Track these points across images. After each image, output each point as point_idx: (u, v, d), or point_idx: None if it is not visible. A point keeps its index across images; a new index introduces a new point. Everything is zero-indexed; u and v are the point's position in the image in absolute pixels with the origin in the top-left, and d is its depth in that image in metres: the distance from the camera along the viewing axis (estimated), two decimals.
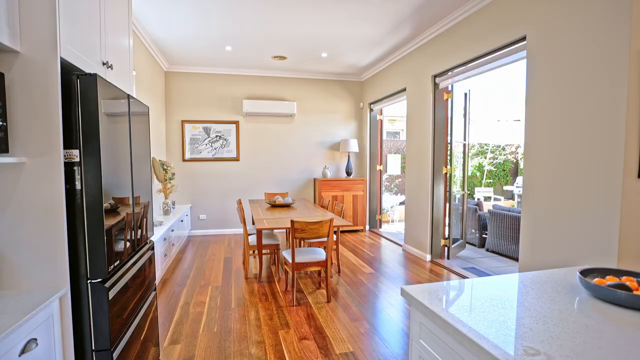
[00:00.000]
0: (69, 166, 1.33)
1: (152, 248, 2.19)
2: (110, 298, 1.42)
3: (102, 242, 1.38)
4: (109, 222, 1.46)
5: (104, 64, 1.70)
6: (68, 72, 1.33)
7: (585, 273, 1.27)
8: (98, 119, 1.35)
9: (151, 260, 2.14)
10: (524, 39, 3.08)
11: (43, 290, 1.27)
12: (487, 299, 1.17)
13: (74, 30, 1.42)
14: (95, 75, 1.34)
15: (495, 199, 9.40)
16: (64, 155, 1.32)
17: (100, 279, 1.39)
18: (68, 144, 1.33)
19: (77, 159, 1.33)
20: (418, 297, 1.18)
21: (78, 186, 1.34)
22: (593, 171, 2.40)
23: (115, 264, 1.51)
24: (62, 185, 1.29)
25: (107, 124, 1.48)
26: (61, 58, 1.29)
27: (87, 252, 1.37)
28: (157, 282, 3.77)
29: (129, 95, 1.75)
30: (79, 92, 1.32)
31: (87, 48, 1.54)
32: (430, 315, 1.10)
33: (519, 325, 0.98)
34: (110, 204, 1.50)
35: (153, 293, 2.18)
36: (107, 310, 1.39)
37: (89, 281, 1.37)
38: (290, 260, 3.25)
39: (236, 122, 6.29)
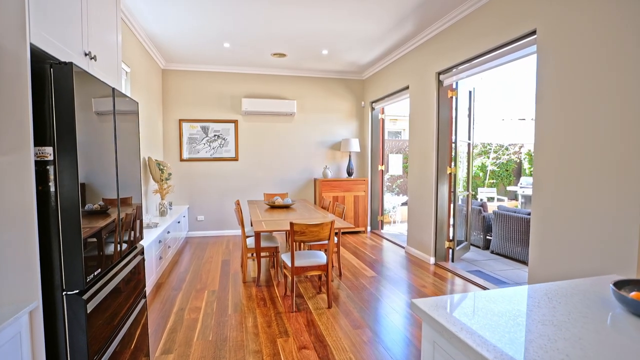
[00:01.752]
0: (41, 165, 1.19)
1: (142, 253, 2.06)
2: (88, 311, 1.28)
3: (80, 249, 1.24)
4: (88, 227, 1.33)
5: (86, 54, 1.56)
6: (41, 60, 1.20)
7: (618, 285, 1.14)
8: (74, 113, 1.21)
9: (140, 266, 2.01)
10: (533, 33, 2.94)
11: (10, 304, 1.13)
12: (511, 316, 1.03)
13: (48, 14, 1.28)
14: (70, 64, 1.20)
15: (498, 200, 9.26)
16: (35, 153, 1.18)
17: (77, 291, 1.26)
18: (41, 140, 1.20)
19: (51, 157, 1.20)
20: (432, 314, 1.04)
21: (52, 187, 1.21)
22: (609, 172, 2.26)
23: (96, 273, 1.38)
24: (33, 186, 1.15)
25: (87, 118, 1.34)
26: (32, 44, 1.16)
27: (62, 261, 1.23)
28: (152, 286, 3.64)
29: (113, 88, 1.62)
30: (52, 82, 1.19)
31: (66, 36, 1.41)
32: (447, 336, 0.96)
33: (552, 349, 0.85)
34: (90, 207, 1.37)
35: (142, 301, 2.04)
36: (84, 324, 1.26)
37: (64, 293, 1.24)
38: (289, 264, 3.12)
39: (235, 121, 6.16)
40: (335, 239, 4.04)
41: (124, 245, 1.77)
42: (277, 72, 6.23)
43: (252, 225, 3.65)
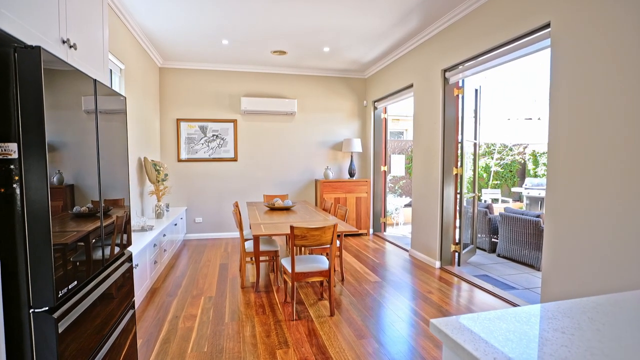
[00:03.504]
0: (3, 164, 1.04)
1: (130, 260, 1.90)
2: (60, 331, 1.12)
3: (49, 259, 1.09)
4: (61, 233, 1.17)
5: (64, 41, 1.41)
6: (4, 44, 1.05)
7: None
8: (43, 105, 1.06)
9: (128, 274, 1.85)
10: (547, 26, 2.79)
11: None
12: (551, 341, 0.88)
13: None
14: (38, 48, 1.05)
15: (503, 201, 9.10)
16: None
17: (46, 308, 1.10)
18: (3, 135, 1.04)
19: (15, 155, 1.05)
20: (457, 339, 0.89)
21: (17, 189, 1.05)
22: (630, 173, 2.11)
23: (71, 286, 1.22)
24: None
25: (62, 112, 1.19)
26: None
27: (29, 274, 1.08)
28: (146, 292, 3.48)
29: (95, 80, 1.46)
30: (16, 69, 1.03)
31: (37, 18, 1.25)
32: None
33: None
34: (68, 211, 1.21)
35: (131, 312, 1.89)
36: (55, 346, 1.10)
37: (31, 311, 1.08)
38: (289, 270, 2.96)
39: (234, 121, 6.01)
40: (337, 242, 3.89)
41: (109, 253, 1.62)
42: (277, 71, 6.08)
43: (250, 228, 3.50)
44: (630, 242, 2.12)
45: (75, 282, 1.25)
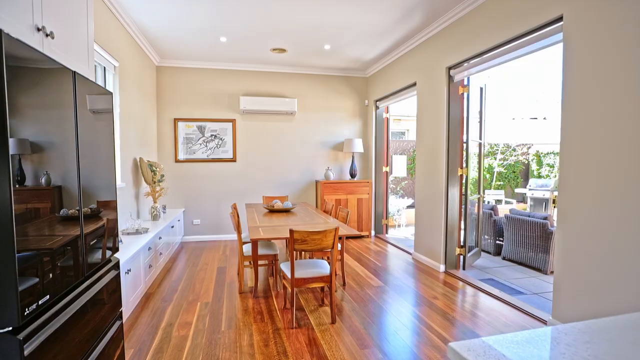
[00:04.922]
0: None
1: (117, 267, 1.77)
2: (26, 354, 0.99)
3: (12, 273, 0.96)
4: (31, 240, 1.04)
5: (38, 29, 1.28)
6: None
7: None
8: (5, 96, 0.93)
9: (114, 283, 1.72)
10: (559, 19, 2.66)
11: None
12: None
13: None
14: None
15: (506, 202, 8.95)
16: None
17: (9, 328, 0.97)
18: None
19: None
20: None
21: None
22: None
23: (42, 302, 1.09)
24: None
25: (32, 106, 1.06)
26: None
27: None
28: (140, 297, 3.35)
29: (74, 72, 1.34)
30: None
31: (5, 1, 1.13)
32: None
33: None
34: (47, 216, 1.08)
35: (117, 324, 1.76)
36: None
37: None
38: (289, 276, 2.83)
39: (233, 121, 5.88)
40: (339, 245, 3.76)
41: (99, 258, 1.49)
42: (277, 69, 5.96)
43: (249, 232, 3.37)
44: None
45: (48, 297, 1.12)
